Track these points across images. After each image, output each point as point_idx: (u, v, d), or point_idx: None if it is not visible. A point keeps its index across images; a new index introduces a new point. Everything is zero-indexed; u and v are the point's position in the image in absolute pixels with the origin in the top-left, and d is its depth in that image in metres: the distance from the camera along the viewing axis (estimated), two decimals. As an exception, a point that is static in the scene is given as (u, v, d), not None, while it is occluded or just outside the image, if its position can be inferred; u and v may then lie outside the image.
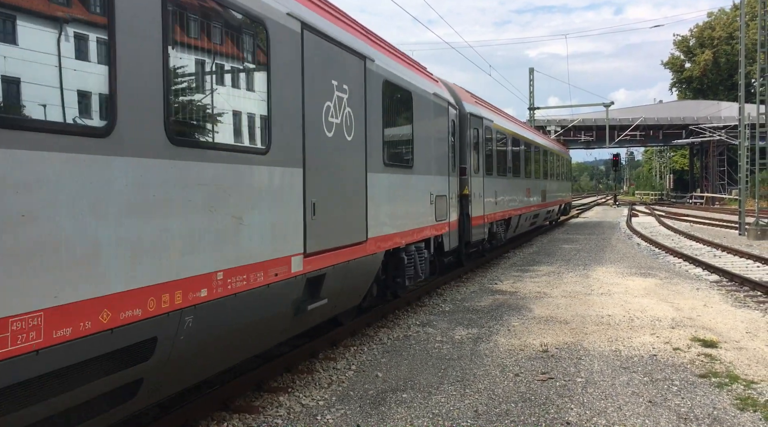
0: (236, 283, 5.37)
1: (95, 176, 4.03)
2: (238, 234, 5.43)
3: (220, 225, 5.19)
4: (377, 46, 9.38)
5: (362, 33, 8.93)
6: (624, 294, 12.84)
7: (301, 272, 6.53)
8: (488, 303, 12.05)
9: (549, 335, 9.45)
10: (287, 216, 6.32)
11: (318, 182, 6.93)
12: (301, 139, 6.61)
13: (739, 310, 11.29)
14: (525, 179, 22.33)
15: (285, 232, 6.26)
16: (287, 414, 6.38)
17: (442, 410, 6.42)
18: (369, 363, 8.16)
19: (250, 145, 5.90)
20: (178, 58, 4.89)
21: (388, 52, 9.92)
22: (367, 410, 6.47)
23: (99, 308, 4.00)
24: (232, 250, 5.33)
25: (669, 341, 9.03)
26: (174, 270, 4.64)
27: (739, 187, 28.08)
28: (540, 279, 15.05)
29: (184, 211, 4.81)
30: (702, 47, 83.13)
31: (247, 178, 5.64)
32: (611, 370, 7.68)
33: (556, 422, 6.07)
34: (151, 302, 4.42)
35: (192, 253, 4.84)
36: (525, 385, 7.17)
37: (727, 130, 58.97)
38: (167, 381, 4.94)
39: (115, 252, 4.13)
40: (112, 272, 4.10)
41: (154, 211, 4.50)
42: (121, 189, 4.22)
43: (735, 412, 6.29)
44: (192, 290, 4.83)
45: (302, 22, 6.69)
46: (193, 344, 4.95)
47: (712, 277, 15.41)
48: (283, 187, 6.25)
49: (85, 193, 3.94)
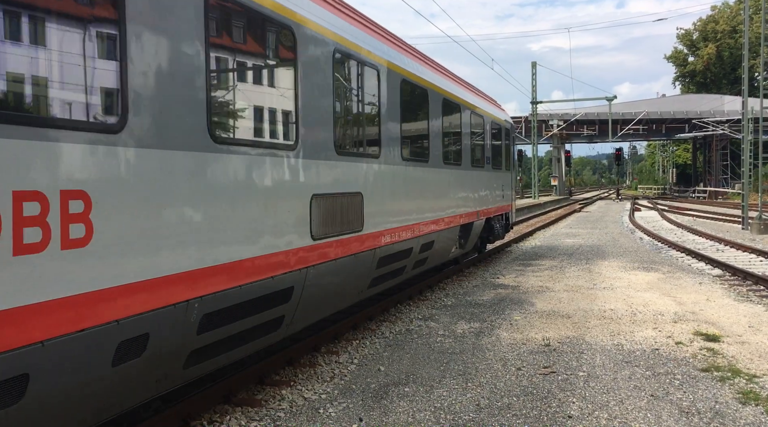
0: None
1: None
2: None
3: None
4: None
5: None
6: (626, 288, 12.84)
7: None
8: (490, 297, 12.05)
9: (551, 329, 9.46)
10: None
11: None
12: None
13: (742, 304, 11.28)
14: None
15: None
16: (289, 407, 6.39)
17: (444, 404, 6.43)
18: (371, 357, 8.17)
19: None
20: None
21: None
22: (369, 403, 6.48)
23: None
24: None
25: (671, 335, 9.02)
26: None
27: (742, 181, 28.01)
28: (542, 273, 15.05)
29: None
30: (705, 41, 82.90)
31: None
32: (613, 364, 7.68)
33: (557, 416, 6.07)
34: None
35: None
36: (527, 379, 7.18)
37: (731, 124, 58.84)
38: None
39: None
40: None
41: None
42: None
43: (737, 406, 6.28)
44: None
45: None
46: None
47: (714, 271, 15.39)
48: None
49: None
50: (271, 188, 5.82)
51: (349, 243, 7.51)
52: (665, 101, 69.61)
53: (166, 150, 4.48)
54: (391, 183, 9.02)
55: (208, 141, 4.92)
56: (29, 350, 3.43)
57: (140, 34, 4.25)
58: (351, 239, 7.56)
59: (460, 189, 12.71)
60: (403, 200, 9.47)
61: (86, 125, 3.92)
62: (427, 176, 10.66)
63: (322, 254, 6.84)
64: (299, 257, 6.32)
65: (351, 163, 7.66)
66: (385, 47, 9.09)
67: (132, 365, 4.26)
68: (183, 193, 4.65)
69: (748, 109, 27.85)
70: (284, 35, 6.17)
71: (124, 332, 4.08)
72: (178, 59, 4.62)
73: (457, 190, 12.50)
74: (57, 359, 3.62)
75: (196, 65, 4.79)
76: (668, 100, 69.99)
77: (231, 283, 5.17)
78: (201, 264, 4.80)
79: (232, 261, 5.19)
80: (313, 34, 6.62)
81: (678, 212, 40.37)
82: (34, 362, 3.48)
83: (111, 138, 4.02)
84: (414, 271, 10.77)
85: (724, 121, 60.11)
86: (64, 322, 3.63)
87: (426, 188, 10.61)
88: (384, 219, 8.64)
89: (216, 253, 4.99)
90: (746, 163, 27.62)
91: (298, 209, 6.28)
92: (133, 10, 4.17)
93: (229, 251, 5.17)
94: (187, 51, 4.71)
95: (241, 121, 5.72)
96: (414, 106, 10.39)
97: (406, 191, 9.57)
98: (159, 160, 4.39)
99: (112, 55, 4.11)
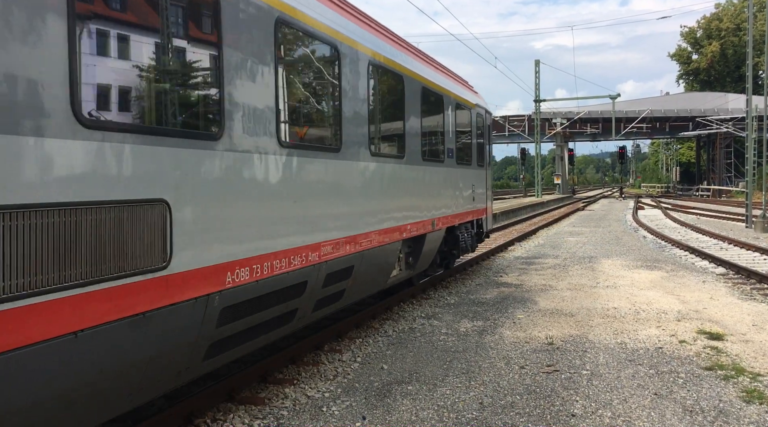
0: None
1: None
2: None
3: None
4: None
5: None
6: (630, 287, 12.82)
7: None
8: (493, 296, 12.05)
9: (554, 327, 9.45)
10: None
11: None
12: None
13: (746, 302, 11.25)
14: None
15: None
16: (293, 406, 6.40)
17: (448, 402, 6.43)
18: (374, 355, 8.17)
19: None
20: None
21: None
22: (372, 402, 6.49)
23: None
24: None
25: (675, 333, 9.01)
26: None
27: (746, 179, 27.93)
28: (545, 272, 15.03)
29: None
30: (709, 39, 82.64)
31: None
32: (617, 362, 7.67)
33: (561, 415, 6.06)
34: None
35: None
36: (530, 377, 7.17)
37: (735, 122, 58.67)
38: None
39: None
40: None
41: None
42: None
43: (741, 404, 6.27)
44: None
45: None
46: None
47: (718, 269, 15.36)
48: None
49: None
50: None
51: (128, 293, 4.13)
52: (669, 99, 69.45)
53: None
54: (246, 183, 5.49)
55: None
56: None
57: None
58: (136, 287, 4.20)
59: (402, 191, 9.35)
60: (285, 209, 6.06)
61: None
62: (338, 174, 7.23)
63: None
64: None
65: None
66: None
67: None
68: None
69: (753, 107, 27.78)
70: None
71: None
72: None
73: (397, 192, 9.14)
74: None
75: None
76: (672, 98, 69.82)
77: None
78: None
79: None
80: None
81: (681, 211, 40.29)
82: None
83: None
84: (319, 313, 7.36)
85: (728, 119, 59.95)
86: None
87: (337, 191, 7.20)
88: (236, 240, 5.29)
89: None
90: (750, 162, 27.55)
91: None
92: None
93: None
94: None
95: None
96: (307, 63, 7.15)
97: (288, 196, 6.11)
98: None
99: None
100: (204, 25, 5.18)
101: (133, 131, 4.22)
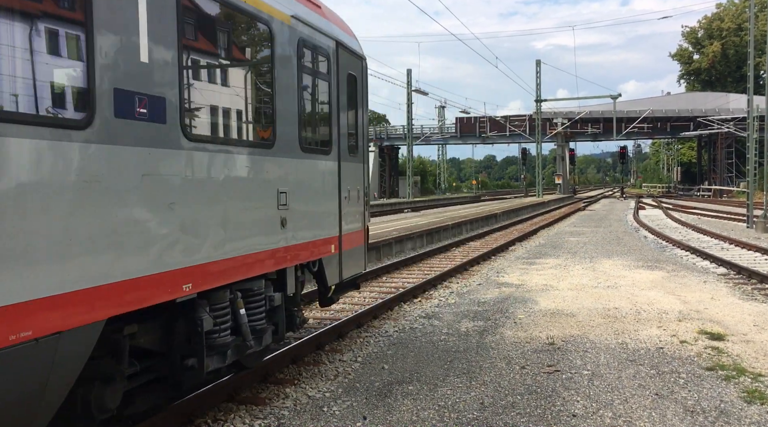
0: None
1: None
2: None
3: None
4: None
5: None
6: (631, 287, 12.81)
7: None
8: (494, 296, 12.04)
9: (555, 327, 9.44)
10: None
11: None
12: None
13: (747, 303, 11.24)
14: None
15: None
16: (294, 406, 6.40)
17: (448, 402, 6.43)
18: (375, 355, 8.17)
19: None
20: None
21: None
22: (373, 402, 6.49)
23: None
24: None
25: (676, 333, 9.00)
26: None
27: (748, 179, 27.91)
28: (546, 272, 15.03)
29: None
30: (710, 39, 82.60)
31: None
32: (618, 362, 7.67)
33: (562, 415, 6.06)
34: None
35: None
36: (531, 377, 7.17)
37: (736, 122, 58.63)
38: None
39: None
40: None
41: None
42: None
43: (742, 405, 6.26)
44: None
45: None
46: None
47: (719, 270, 15.35)
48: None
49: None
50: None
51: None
52: (670, 99, 69.47)
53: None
54: None
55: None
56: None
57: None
58: None
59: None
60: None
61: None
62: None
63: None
64: None
65: None
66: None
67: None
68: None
69: (754, 107, 27.76)
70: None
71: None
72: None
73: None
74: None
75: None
76: (673, 98, 69.84)
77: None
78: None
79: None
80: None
81: (682, 211, 40.27)
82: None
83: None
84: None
85: (730, 119, 59.93)
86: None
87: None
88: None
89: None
90: (751, 162, 27.54)
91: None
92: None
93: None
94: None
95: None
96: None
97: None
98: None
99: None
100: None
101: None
